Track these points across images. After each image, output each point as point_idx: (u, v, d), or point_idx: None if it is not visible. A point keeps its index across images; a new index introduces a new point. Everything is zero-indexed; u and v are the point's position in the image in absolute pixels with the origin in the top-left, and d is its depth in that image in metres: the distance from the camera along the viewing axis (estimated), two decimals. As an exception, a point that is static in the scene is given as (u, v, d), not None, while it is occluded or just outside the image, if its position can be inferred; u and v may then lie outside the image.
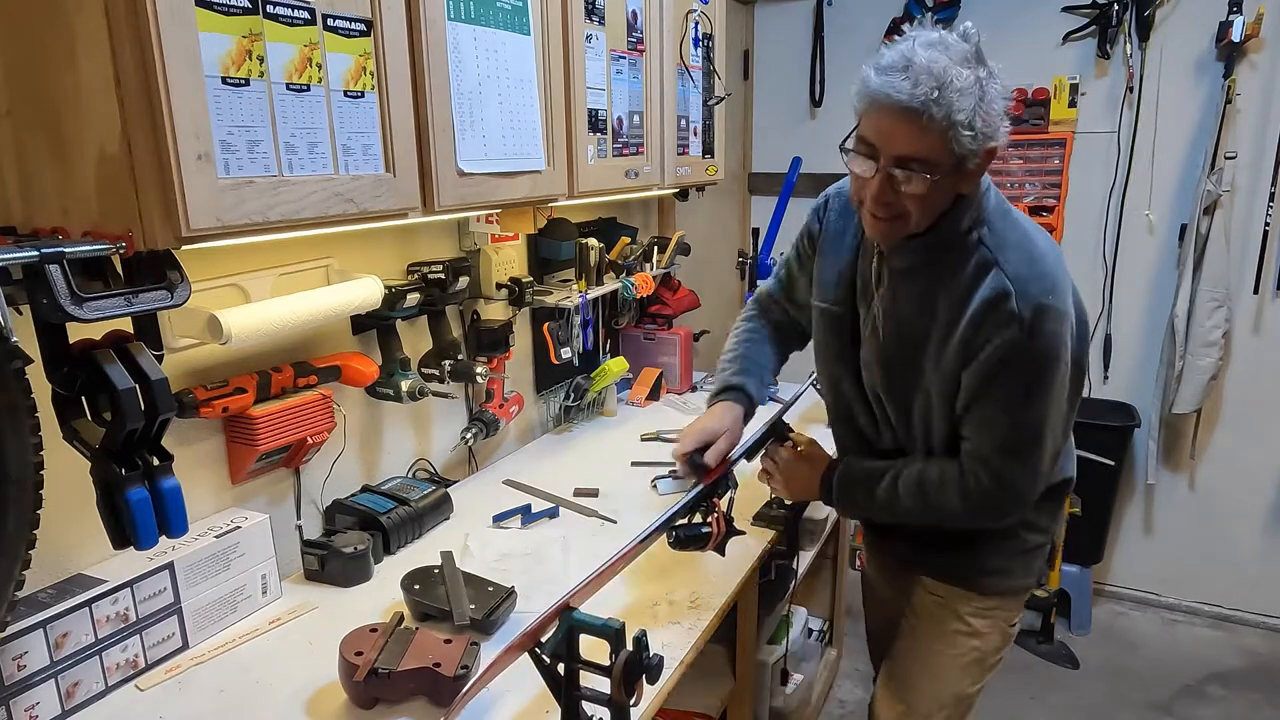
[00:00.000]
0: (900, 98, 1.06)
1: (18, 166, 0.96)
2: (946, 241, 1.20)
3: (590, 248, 2.03)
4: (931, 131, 1.07)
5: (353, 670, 1.09)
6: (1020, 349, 1.15)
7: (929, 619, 1.44)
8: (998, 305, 1.15)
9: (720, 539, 1.37)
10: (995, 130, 1.11)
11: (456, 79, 1.25)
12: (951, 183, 1.14)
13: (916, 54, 1.07)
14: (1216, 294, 2.69)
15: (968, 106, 1.06)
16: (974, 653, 1.42)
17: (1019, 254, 1.18)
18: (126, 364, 0.96)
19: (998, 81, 1.11)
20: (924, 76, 1.05)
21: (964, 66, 1.07)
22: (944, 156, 1.10)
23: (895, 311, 1.27)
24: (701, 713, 1.65)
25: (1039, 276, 1.17)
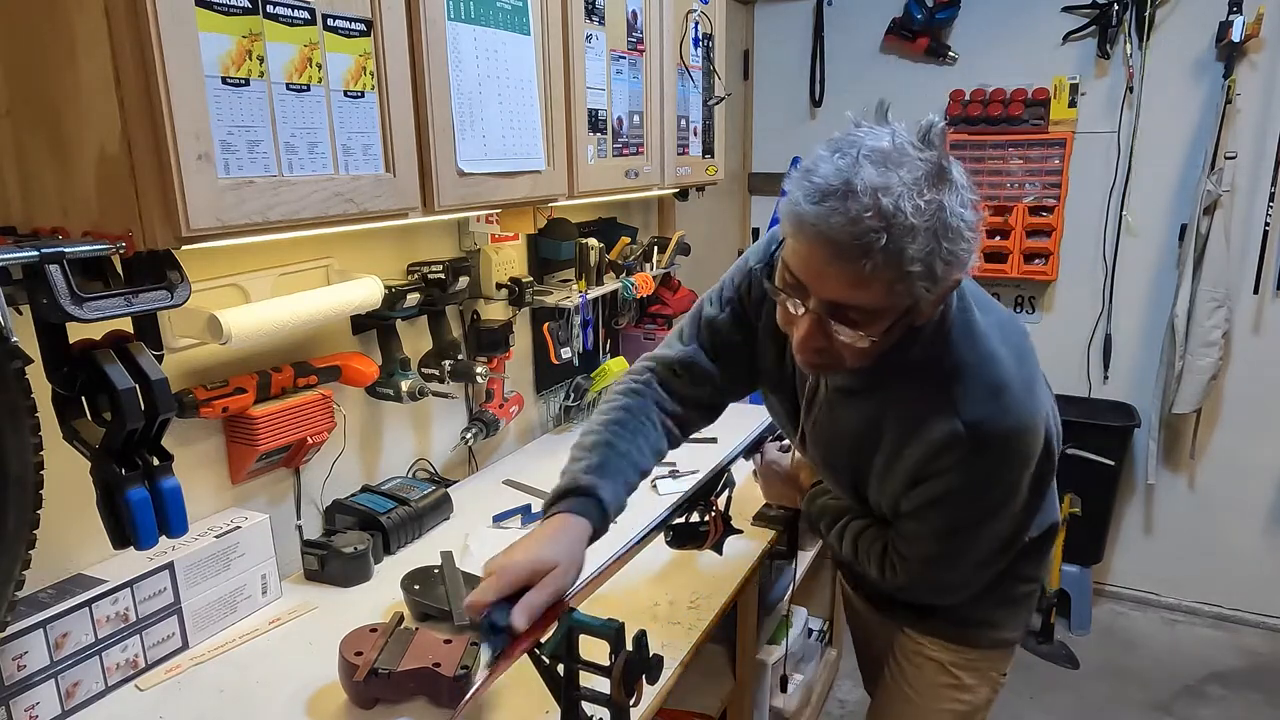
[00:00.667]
0: (836, 236, 0.83)
1: (18, 166, 0.96)
2: (896, 370, 1.01)
3: (590, 248, 2.03)
4: (875, 281, 0.84)
5: (353, 670, 1.09)
6: (966, 494, 1.02)
7: (913, 669, 1.35)
8: (949, 450, 0.99)
9: (718, 538, 1.37)
10: (962, 264, 0.87)
11: (456, 79, 1.25)
12: (902, 326, 0.94)
13: (861, 173, 0.82)
14: (1216, 294, 2.69)
15: (923, 250, 0.82)
16: (962, 706, 1.33)
17: (981, 388, 0.99)
18: (126, 364, 0.96)
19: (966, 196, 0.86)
20: (867, 214, 0.81)
21: (922, 191, 0.82)
22: (890, 306, 0.89)
23: (835, 427, 1.14)
24: (701, 713, 1.65)
25: (1002, 415, 0.98)
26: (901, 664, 1.37)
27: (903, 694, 1.37)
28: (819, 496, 1.34)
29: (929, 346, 1.00)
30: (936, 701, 1.33)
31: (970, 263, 0.89)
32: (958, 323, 1.02)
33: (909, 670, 1.36)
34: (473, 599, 0.92)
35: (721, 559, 1.43)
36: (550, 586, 0.94)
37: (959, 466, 0.99)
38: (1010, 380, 1.00)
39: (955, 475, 1.00)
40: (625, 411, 1.18)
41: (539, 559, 0.96)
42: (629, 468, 1.12)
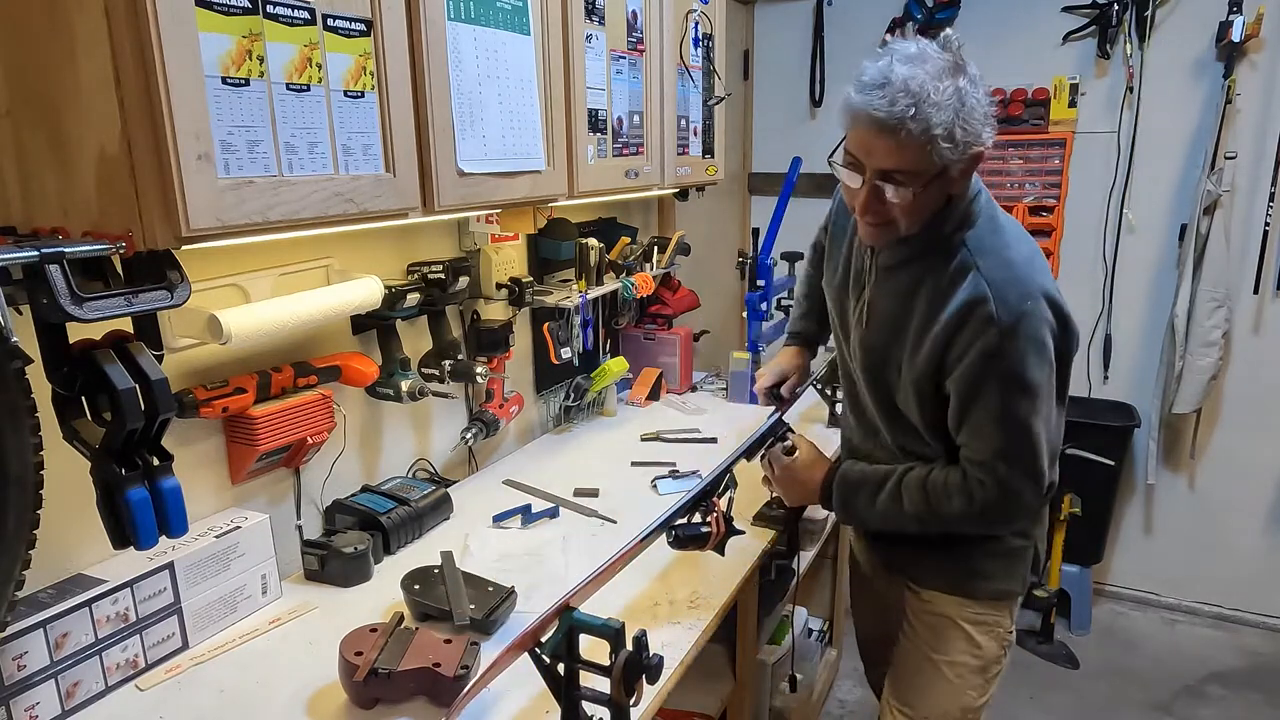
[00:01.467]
0: (878, 114, 1.09)
1: (18, 166, 0.96)
2: (931, 243, 1.23)
3: (590, 248, 2.03)
4: (910, 145, 1.10)
5: (353, 670, 1.09)
6: (1001, 356, 1.16)
7: (927, 628, 1.44)
8: (974, 309, 1.17)
9: (720, 539, 1.37)
10: (978, 136, 1.13)
11: (456, 79, 1.25)
12: (938, 188, 1.17)
13: (894, 70, 1.09)
14: (1216, 294, 2.69)
15: (945, 119, 1.08)
16: (975, 660, 1.42)
17: (998, 258, 1.20)
18: (126, 364, 0.96)
19: (979, 88, 1.13)
20: (900, 94, 1.08)
21: (942, 79, 1.09)
22: (926, 167, 1.13)
23: (879, 305, 1.31)
24: (701, 713, 1.65)
25: (1016, 281, 1.18)
26: (916, 626, 1.46)
27: (921, 653, 1.45)
28: (852, 469, 1.40)
29: (958, 230, 1.23)
30: (953, 654, 1.42)
31: (985, 134, 1.14)
32: (984, 215, 1.25)
33: (923, 630, 1.45)
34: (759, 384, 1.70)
35: (722, 559, 1.43)
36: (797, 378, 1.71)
37: (985, 325, 1.16)
38: (1021, 260, 1.22)
39: (985, 336, 1.16)
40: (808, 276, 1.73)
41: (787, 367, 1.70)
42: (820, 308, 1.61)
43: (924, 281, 1.24)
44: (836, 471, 1.41)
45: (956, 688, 1.43)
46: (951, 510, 1.26)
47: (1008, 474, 1.22)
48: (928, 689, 1.46)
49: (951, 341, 1.19)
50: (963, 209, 1.22)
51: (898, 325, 1.28)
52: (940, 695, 1.44)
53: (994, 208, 1.28)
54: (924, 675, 1.46)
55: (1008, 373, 1.17)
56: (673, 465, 1.94)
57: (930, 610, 1.43)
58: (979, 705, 1.45)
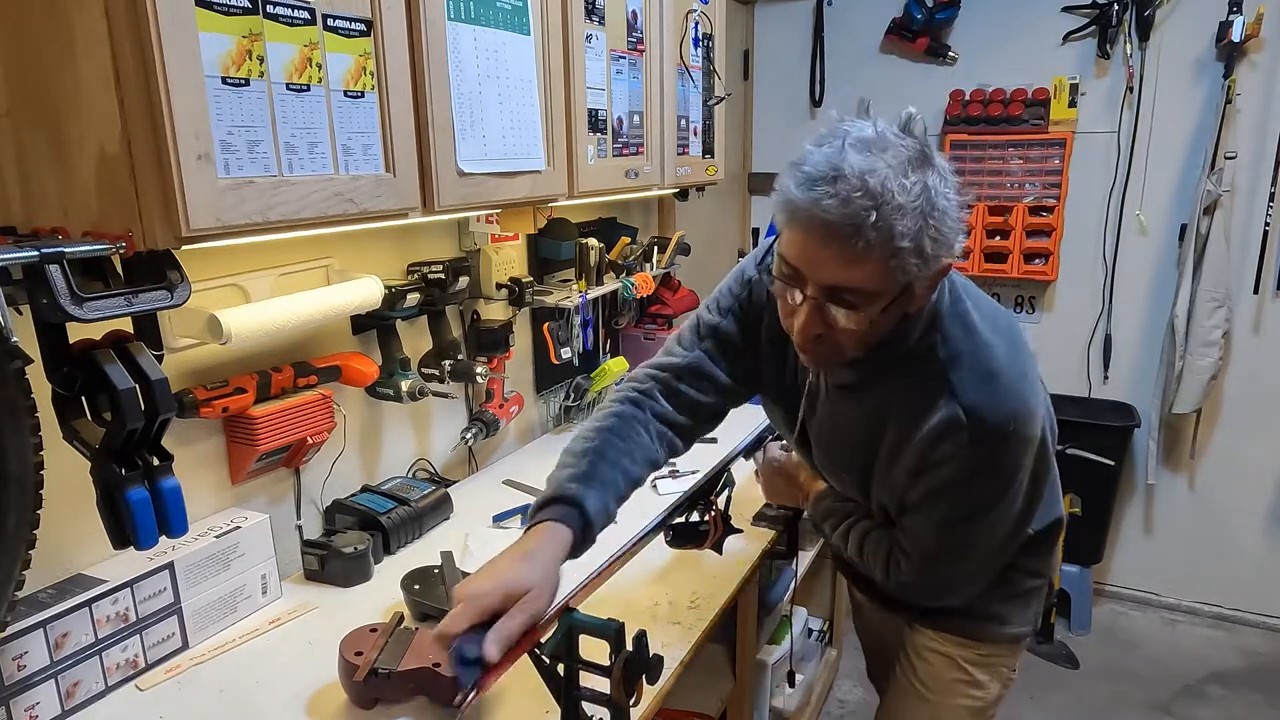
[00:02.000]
0: (828, 217, 0.87)
1: (18, 166, 0.96)
2: (894, 359, 1.04)
3: (590, 248, 2.03)
4: (868, 260, 0.88)
5: (353, 670, 1.09)
6: (967, 483, 1.03)
7: (925, 666, 1.36)
8: (948, 437, 1.00)
9: (717, 537, 1.37)
10: (950, 246, 0.92)
11: (456, 79, 1.25)
12: (898, 308, 0.97)
13: (847, 160, 0.87)
14: (1216, 294, 2.69)
15: (912, 227, 0.87)
16: (975, 703, 1.34)
17: (976, 374, 1.02)
18: (126, 364, 0.96)
19: (949, 183, 0.91)
20: (857, 193, 0.85)
21: (907, 174, 0.87)
22: (885, 286, 0.92)
23: (837, 427, 1.16)
24: (701, 713, 1.65)
25: (997, 403, 1.01)
26: (913, 661, 1.37)
27: (915, 691, 1.37)
28: (824, 498, 1.35)
29: (924, 336, 1.03)
30: (950, 697, 1.33)
31: (957, 244, 0.92)
32: (951, 313, 1.05)
33: (920, 667, 1.36)
34: (442, 629, 0.88)
35: (721, 559, 1.43)
36: (524, 612, 0.90)
37: (959, 454, 1.01)
38: (1004, 367, 1.03)
39: (955, 464, 1.02)
40: (619, 419, 1.16)
41: (511, 583, 0.91)
42: (619, 477, 1.10)
43: (888, 403, 1.06)
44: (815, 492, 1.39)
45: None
46: (873, 572, 1.21)
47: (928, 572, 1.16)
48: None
49: (925, 458, 1.04)
50: (927, 320, 1.03)
51: (864, 446, 1.12)
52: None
53: (961, 298, 1.07)
54: (918, 714, 1.38)
55: (968, 499, 1.05)
56: (673, 465, 1.94)
57: (931, 648, 1.34)
58: None
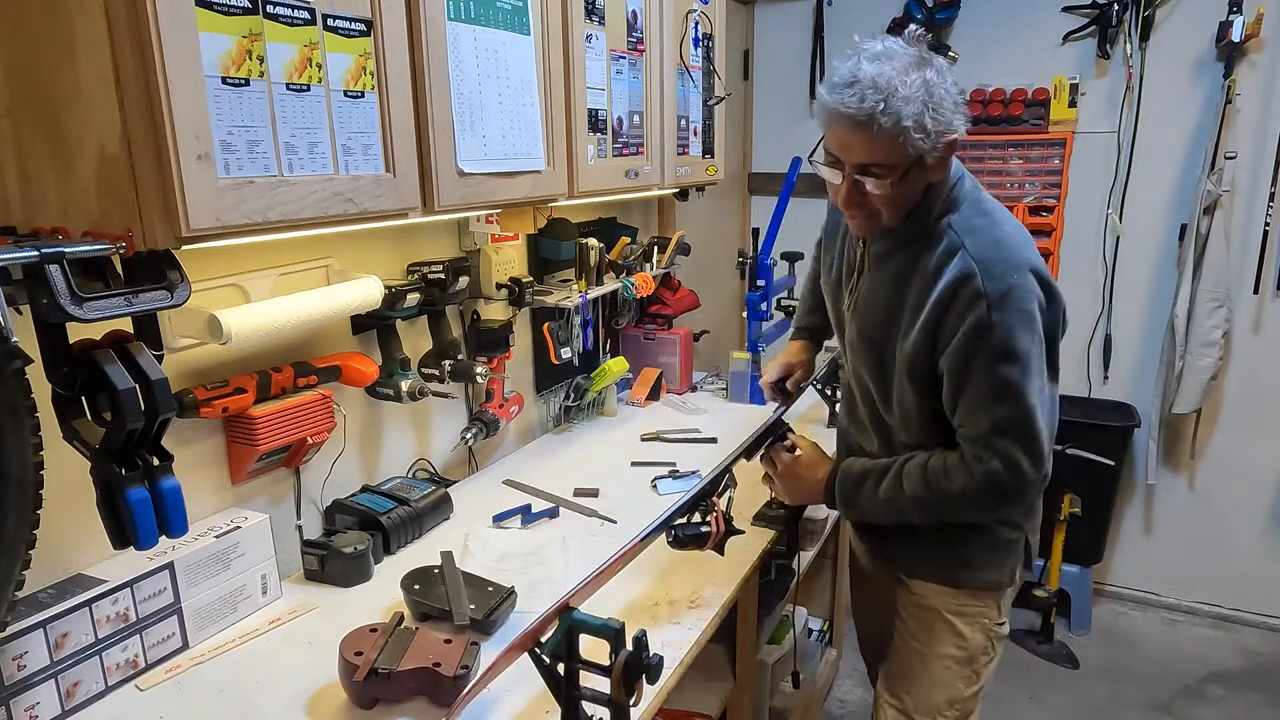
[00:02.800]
0: (849, 111, 1.14)
1: (18, 166, 0.96)
2: (918, 229, 1.27)
3: (590, 248, 2.03)
4: (883, 139, 1.14)
5: (353, 670, 1.09)
6: (991, 327, 1.18)
7: (915, 620, 1.48)
8: (963, 285, 1.20)
9: (719, 538, 1.37)
10: (949, 124, 1.17)
11: (456, 79, 1.25)
12: (916, 177, 1.21)
13: (862, 68, 1.14)
14: (1216, 294, 2.69)
15: (915, 111, 1.13)
16: (960, 652, 1.45)
17: (984, 237, 1.23)
18: (126, 364, 0.96)
19: (946, 78, 1.17)
20: (869, 90, 1.13)
21: (908, 73, 1.14)
22: (900, 158, 1.17)
23: (873, 293, 1.35)
24: (701, 713, 1.65)
25: (1003, 259, 1.21)
26: (905, 619, 1.50)
27: (910, 647, 1.50)
28: (853, 465, 1.41)
29: (944, 212, 1.26)
30: (939, 646, 1.46)
31: (955, 121, 1.18)
32: (968, 199, 1.28)
33: (912, 624, 1.49)
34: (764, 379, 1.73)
35: (722, 559, 1.43)
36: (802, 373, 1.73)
37: (973, 301, 1.19)
38: (1007, 235, 1.25)
39: (972, 311, 1.19)
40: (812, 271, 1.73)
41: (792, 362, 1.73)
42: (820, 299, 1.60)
43: (914, 266, 1.27)
44: (838, 469, 1.42)
45: (943, 679, 1.46)
46: (952, 489, 1.27)
47: (1005, 446, 1.23)
48: (915, 681, 1.49)
49: (942, 320, 1.22)
50: (946, 195, 1.26)
51: (891, 311, 1.30)
52: (927, 687, 1.48)
53: (978, 191, 1.31)
54: (912, 668, 1.49)
55: (997, 344, 1.19)
56: (673, 465, 1.94)
57: (918, 603, 1.47)
58: (968, 695, 1.47)
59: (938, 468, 1.29)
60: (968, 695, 1.47)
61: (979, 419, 1.23)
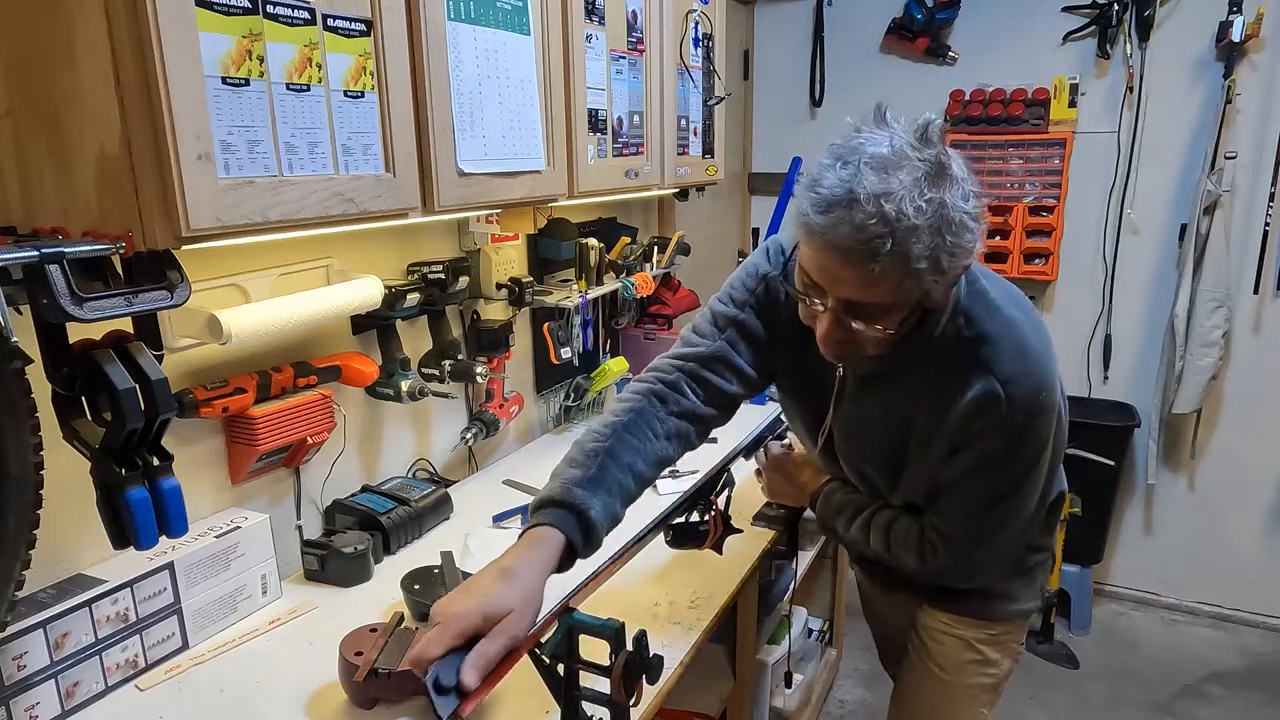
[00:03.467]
0: (844, 244, 0.88)
1: (18, 166, 0.96)
2: (921, 350, 1.06)
3: (590, 248, 2.03)
4: (885, 281, 0.90)
5: (353, 670, 1.09)
6: (1005, 456, 1.08)
7: (939, 648, 1.39)
8: (985, 411, 1.04)
9: (717, 537, 1.37)
10: (969, 252, 0.93)
11: (456, 79, 1.25)
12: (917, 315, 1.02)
13: (863, 181, 0.87)
14: (1216, 294, 2.69)
15: (927, 248, 0.87)
16: (989, 679, 1.39)
17: (1007, 349, 1.05)
18: (126, 364, 0.96)
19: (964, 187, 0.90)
20: (872, 220, 0.86)
21: (923, 191, 0.87)
22: (903, 301, 0.95)
23: (864, 420, 1.17)
24: (701, 713, 1.65)
25: (1029, 374, 1.05)
26: (926, 643, 1.40)
27: (930, 672, 1.40)
28: (834, 494, 1.34)
29: (949, 324, 1.05)
30: (965, 677, 1.37)
31: (975, 249, 0.93)
32: (970, 294, 1.07)
33: (934, 649, 1.38)
34: (418, 653, 0.83)
35: (721, 559, 1.43)
36: (504, 635, 0.86)
37: (994, 428, 1.04)
38: (1031, 340, 1.07)
39: (991, 438, 1.05)
40: (636, 415, 1.13)
41: (491, 604, 0.87)
42: (630, 480, 1.08)
43: (918, 390, 1.08)
44: (822, 491, 1.37)
45: (969, 706, 1.40)
46: (905, 559, 1.23)
47: (968, 550, 1.19)
48: (937, 707, 1.42)
49: (962, 436, 1.07)
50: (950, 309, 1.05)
51: (895, 438, 1.14)
52: (952, 711, 1.41)
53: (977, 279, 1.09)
54: (934, 697, 1.42)
55: (1007, 472, 1.10)
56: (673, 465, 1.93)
57: (943, 630, 1.37)
58: (990, 716, 1.44)
59: (899, 534, 1.22)
60: (986, 715, 1.42)
61: (954, 523, 1.16)
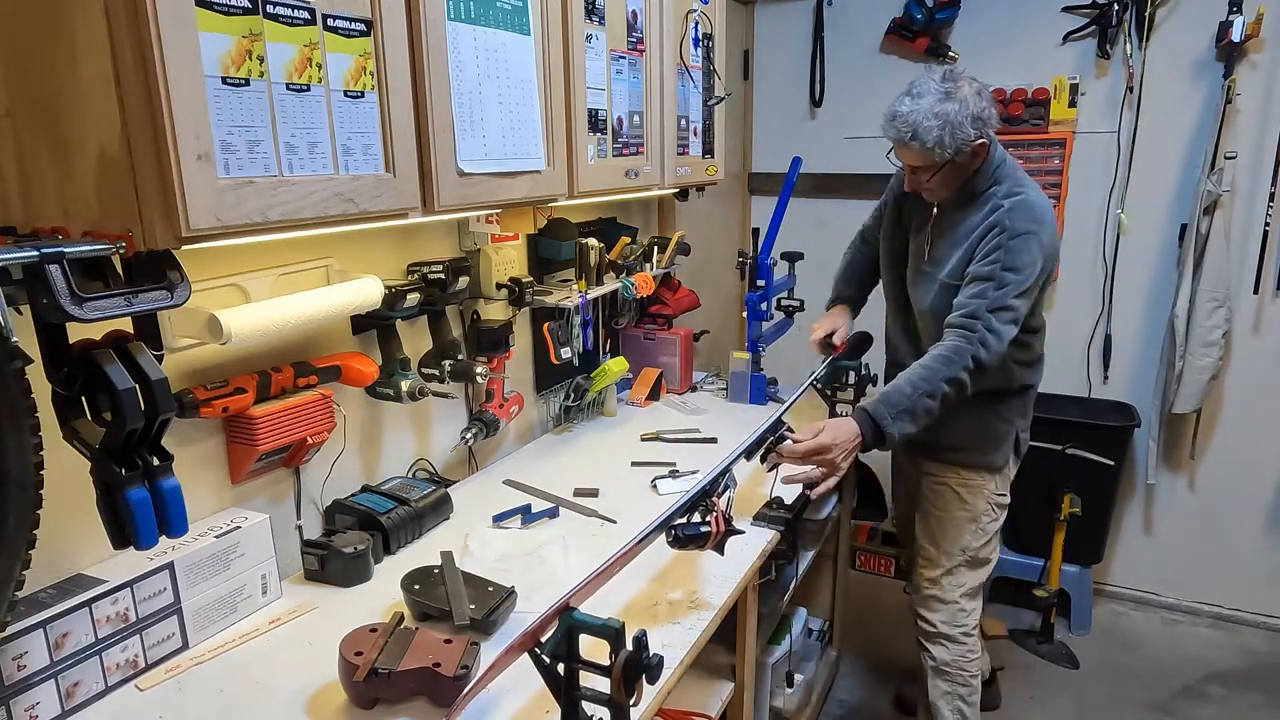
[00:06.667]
0: (895, 136, 1.71)
1: (18, 166, 0.96)
2: (971, 195, 1.79)
3: (590, 248, 2.03)
4: (918, 151, 1.69)
5: (353, 670, 1.09)
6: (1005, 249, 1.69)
7: (933, 492, 2.00)
8: (997, 224, 1.72)
9: (719, 538, 1.37)
10: (968, 136, 1.67)
11: (456, 79, 1.25)
12: (952, 170, 1.73)
13: (900, 106, 1.69)
14: (1216, 294, 2.69)
15: (935, 136, 1.65)
16: (964, 512, 1.96)
17: (1017, 200, 1.73)
18: (126, 364, 0.96)
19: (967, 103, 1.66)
20: (902, 125, 1.67)
21: (935, 108, 1.65)
22: (936, 160, 1.70)
23: (938, 239, 1.85)
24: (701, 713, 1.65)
25: (1026, 212, 1.72)
26: (928, 494, 2.03)
27: (928, 511, 2.03)
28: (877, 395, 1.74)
29: (989, 185, 1.78)
30: (950, 510, 1.98)
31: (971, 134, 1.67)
32: (1009, 178, 1.78)
33: (931, 496, 2.02)
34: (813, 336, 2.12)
35: (723, 559, 1.43)
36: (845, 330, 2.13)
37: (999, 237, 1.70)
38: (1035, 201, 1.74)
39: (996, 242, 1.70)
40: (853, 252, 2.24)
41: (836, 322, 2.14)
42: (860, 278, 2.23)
43: (970, 218, 1.78)
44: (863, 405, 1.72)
45: (955, 531, 1.98)
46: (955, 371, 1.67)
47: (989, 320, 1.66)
48: (935, 532, 2.01)
49: (977, 246, 1.73)
50: (990, 173, 1.77)
51: (949, 250, 1.80)
52: (944, 536, 1.99)
53: (1018, 172, 1.80)
54: (931, 524, 2.02)
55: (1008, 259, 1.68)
56: (673, 465, 1.94)
57: (935, 482, 2.00)
58: (979, 545, 1.97)
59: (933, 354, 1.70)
60: (976, 545, 1.97)
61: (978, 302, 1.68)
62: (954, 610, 2.00)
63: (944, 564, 1.99)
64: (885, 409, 1.67)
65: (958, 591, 2.00)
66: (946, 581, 2.00)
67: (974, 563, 1.99)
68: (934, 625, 2.02)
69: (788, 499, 1.71)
